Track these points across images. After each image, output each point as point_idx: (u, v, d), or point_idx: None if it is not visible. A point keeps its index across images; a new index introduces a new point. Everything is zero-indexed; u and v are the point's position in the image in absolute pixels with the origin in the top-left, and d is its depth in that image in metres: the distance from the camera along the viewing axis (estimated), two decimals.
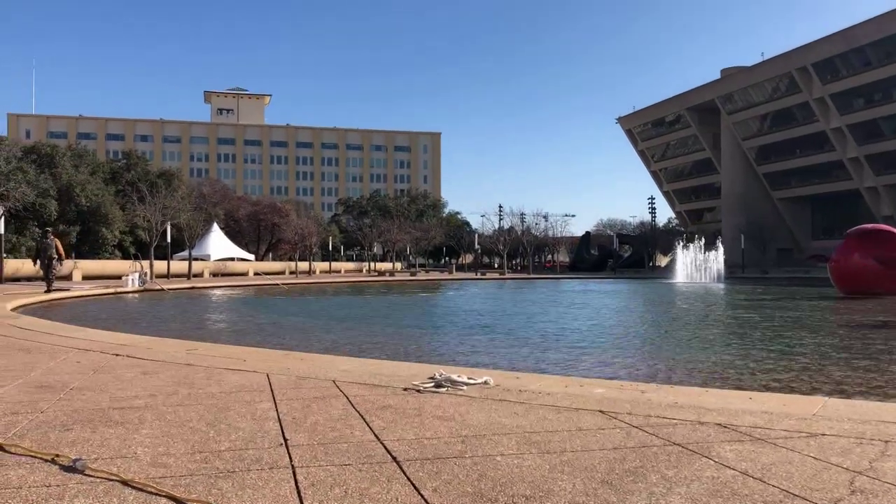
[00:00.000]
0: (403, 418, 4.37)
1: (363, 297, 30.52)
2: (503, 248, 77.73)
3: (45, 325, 10.72)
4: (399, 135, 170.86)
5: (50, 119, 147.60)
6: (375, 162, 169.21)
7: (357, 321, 17.52)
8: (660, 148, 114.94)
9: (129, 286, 30.40)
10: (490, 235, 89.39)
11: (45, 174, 50.86)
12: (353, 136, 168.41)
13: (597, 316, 19.23)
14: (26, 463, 3.33)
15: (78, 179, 54.39)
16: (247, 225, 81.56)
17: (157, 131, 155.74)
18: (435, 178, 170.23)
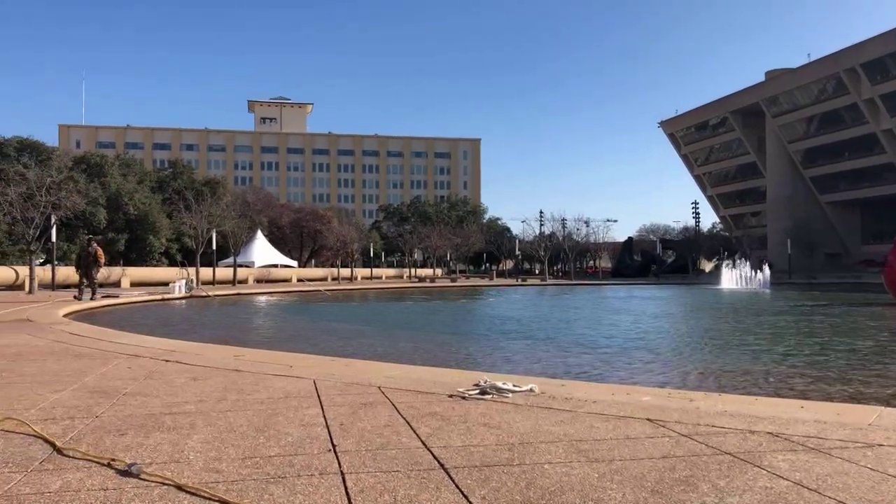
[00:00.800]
0: (449, 425, 4.38)
1: (404, 304, 30.63)
2: (544, 253, 77.32)
3: (96, 332, 10.97)
4: (439, 141, 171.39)
5: (99, 129, 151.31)
6: (416, 168, 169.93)
7: (399, 327, 17.59)
8: (703, 152, 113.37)
9: (176, 293, 30.95)
10: (531, 241, 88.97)
11: (95, 183, 52.16)
12: (394, 143, 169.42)
13: (640, 323, 19.01)
14: (84, 466, 3.41)
15: (126, 188, 55.63)
16: (290, 232, 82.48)
17: (203, 140, 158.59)
18: (475, 184, 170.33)
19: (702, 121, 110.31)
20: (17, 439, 3.94)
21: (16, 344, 9.07)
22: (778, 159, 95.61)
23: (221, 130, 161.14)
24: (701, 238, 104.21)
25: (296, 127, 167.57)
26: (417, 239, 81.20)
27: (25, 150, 54.26)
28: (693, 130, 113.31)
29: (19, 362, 7.27)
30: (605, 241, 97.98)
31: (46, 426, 4.25)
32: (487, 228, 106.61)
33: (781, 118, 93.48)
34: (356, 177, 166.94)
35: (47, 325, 12.29)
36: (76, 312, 18.32)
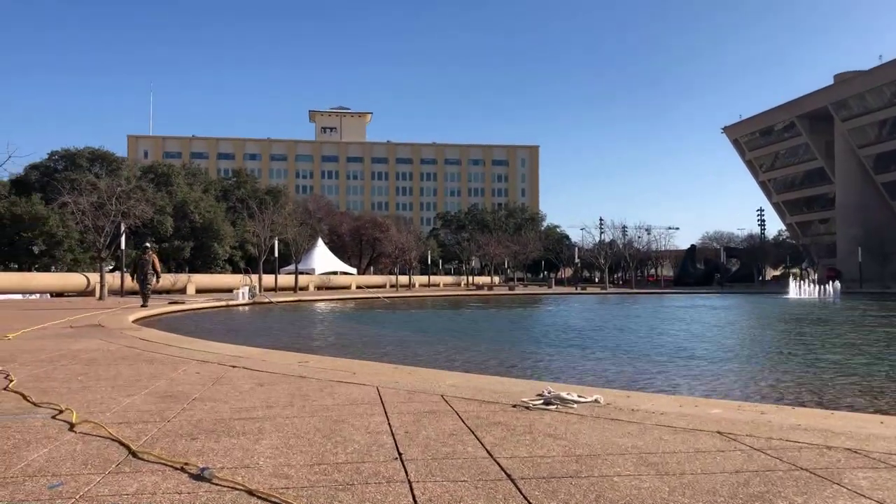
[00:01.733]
0: (514, 435, 4.35)
1: (462, 311, 30.64)
2: (604, 261, 76.41)
3: (164, 337, 11.26)
4: (497, 149, 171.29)
5: (166, 140, 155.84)
6: (473, 176, 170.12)
7: (458, 335, 17.59)
8: (768, 157, 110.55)
9: (240, 299, 31.59)
10: (590, 249, 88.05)
11: (162, 192, 53.73)
12: (452, 151, 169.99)
13: (705, 332, 18.61)
14: (158, 470, 3.49)
15: (192, 197, 57.12)
16: (349, 240, 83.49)
17: (265, 150, 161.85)
18: (533, 192, 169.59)
19: (767, 126, 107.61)
20: (95, 442, 4.06)
21: (89, 349, 9.38)
22: (847, 164, 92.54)
23: (283, 140, 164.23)
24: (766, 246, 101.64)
25: (355, 136, 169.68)
26: (475, 246, 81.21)
27: (97, 161, 56.26)
28: (758, 136, 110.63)
29: (94, 367, 7.51)
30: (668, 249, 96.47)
31: (121, 429, 4.37)
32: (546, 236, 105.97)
33: (851, 122, 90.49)
34: (414, 185, 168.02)
35: (118, 330, 12.67)
36: (145, 318, 18.86)
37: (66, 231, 45.27)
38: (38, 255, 45.88)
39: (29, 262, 46.07)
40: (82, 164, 54.61)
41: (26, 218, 44.80)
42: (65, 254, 46.75)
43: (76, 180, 44.41)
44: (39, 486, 3.22)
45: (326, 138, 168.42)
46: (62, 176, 50.01)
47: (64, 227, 44.90)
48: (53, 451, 3.86)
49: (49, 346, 9.67)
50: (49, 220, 44.86)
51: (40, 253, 45.87)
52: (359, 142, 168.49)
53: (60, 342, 10.34)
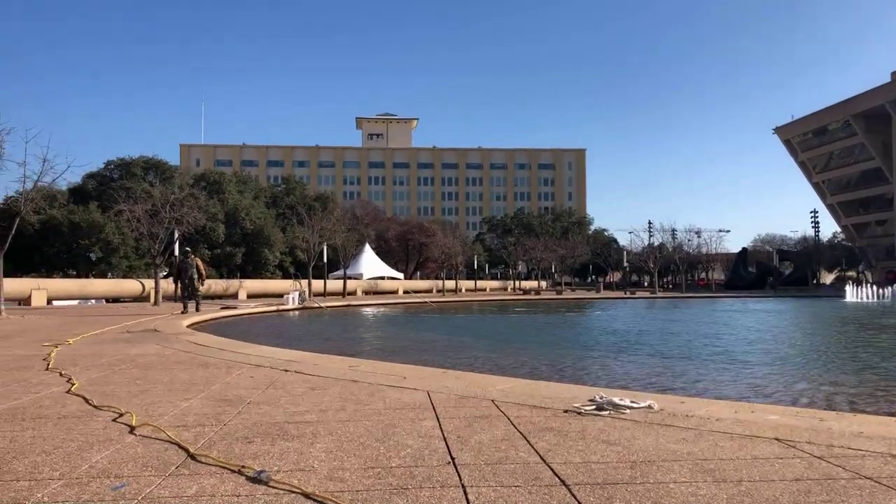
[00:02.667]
0: (567, 441, 4.32)
1: (509, 316, 30.54)
2: (653, 265, 75.38)
3: (218, 342, 11.46)
4: (543, 152, 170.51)
5: (217, 148, 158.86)
6: (519, 180, 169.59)
7: (506, 340, 17.54)
8: (822, 158, 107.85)
9: (290, 304, 32.00)
10: (639, 252, 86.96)
11: (214, 199, 54.75)
12: (497, 156, 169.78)
13: (759, 337, 18.23)
14: (216, 472, 3.56)
15: (242, 204, 58.08)
16: (396, 245, 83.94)
17: (313, 157, 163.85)
18: (580, 195, 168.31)
19: (820, 126, 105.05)
20: (155, 444, 4.16)
21: (146, 353, 9.60)
22: None
23: (331, 147, 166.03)
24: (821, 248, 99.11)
25: (401, 142, 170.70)
26: (521, 251, 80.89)
27: (150, 169, 57.59)
28: (811, 136, 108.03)
29: (151, 371, 7.69)
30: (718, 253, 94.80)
31: (179, 432, 4.47)
32: (593, 240, 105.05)
33: None
34: (460, 189, 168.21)
35: (173, 335, 12.94)
36: (198, 323, 19.23)
37: (122, 238, 46.42)
38: (95, 261, 47.13)
39: (86, 269, 47.36)
40: (137, 172, 55.96)
41: (84, 225, 46.08)
42: (120, 260, 47.94)
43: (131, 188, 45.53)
44: (103, 486, 3.31)
45: (373, 144, 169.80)
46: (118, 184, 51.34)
47: (119, 235, 46.05)
48: (115, 453, 3.96)
49: (107, 351, 9.93)
50: (105, 227, 46.06)
51: (97, 260, 47.11)
52: (405, 147, 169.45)
53: (118, 347, 10.61)
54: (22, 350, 10.14)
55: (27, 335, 13.24)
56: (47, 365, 8.18)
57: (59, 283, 37.10)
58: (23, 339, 12.38)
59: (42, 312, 24.40)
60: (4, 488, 3.28)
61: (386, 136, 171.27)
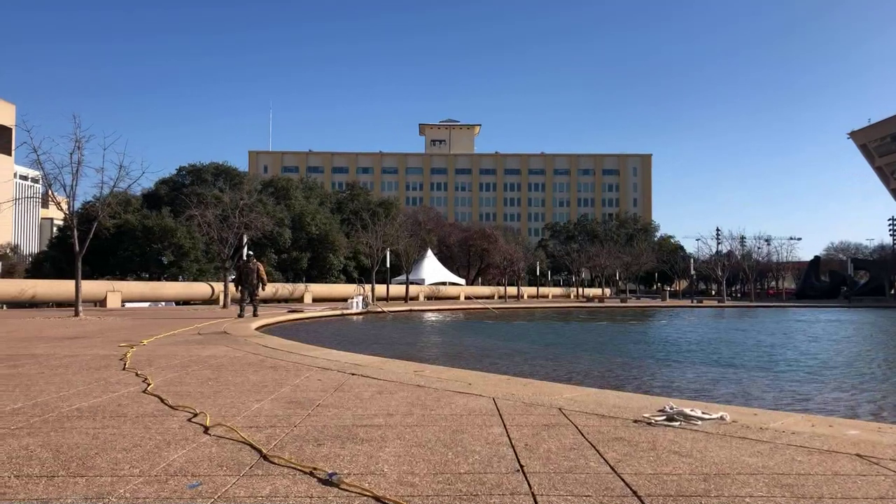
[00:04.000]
0: (638, 451, 4.24)
1: (573, 324, 30.24)
2: (721, 273, 73.61)
3: (286, 345, 11.67)
4: (607, 158, 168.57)
5: (284, 155, 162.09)
6: (583, 186, 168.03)
7: (571, 348, 17.37)
8: None
9: (354, 308, 32.37)
10: (706, 260, 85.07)
11: (281, 205, 55.85)
12: (560, 161, 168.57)
13: (833, 348, 17.61)
14: (289, 474, 3.62)
15: (308, 210, 59.08)
16: (457, 250, 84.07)
17: (377, 163, 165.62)
18: (645, 201, 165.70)
19: None
20: (229, 444, 4.25)
21: (217, 355, 9.83)
22: None
23: (394, 153, 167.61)
24: None
25: (464, 148, 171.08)
26: (585, 258, 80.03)
27: (220, 175, 59.12)
28: (889, 140, 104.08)
29: (223, 372, 7.87)
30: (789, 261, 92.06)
31: (252, 433, 4.56)
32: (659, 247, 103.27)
33: None
34: (522, 195, 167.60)
35: (242, 337, 13.23)
36: (266, 326, 19.63)
37: (193, 242, 47.78)
38: (167, 265, 48.59)
39: (159, 272, 48.86)
40: (207, 178, 57.53)
41: (156, 230, 47.58)
42: (191, 264, 49.31)
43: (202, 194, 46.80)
44: (181, 485, 3.40)
45: (436, 151, 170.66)
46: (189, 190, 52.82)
47: (190, 239, 47.41)
48: (191, 452, 4.06)
49: (180, 353, 10.21)
50: (177, 231, 47.47)
51: (169, 263, 48.57)
52: (467, 153, 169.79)
53: (190, 348, 10.90)
54: (100, 350, 10.51)
55: (105, 335, 13.73)
56: (124, 365, 8.46)
57: (133, 285, 38.37)
58: (101, 339, 12.84)
59: (117, 314, 25.27)
60: (89, 483, 3.40)
61: (448, 143, 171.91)
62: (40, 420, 5.01)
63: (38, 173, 25.43)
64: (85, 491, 3.28)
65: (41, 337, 13.28)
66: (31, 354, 9.76)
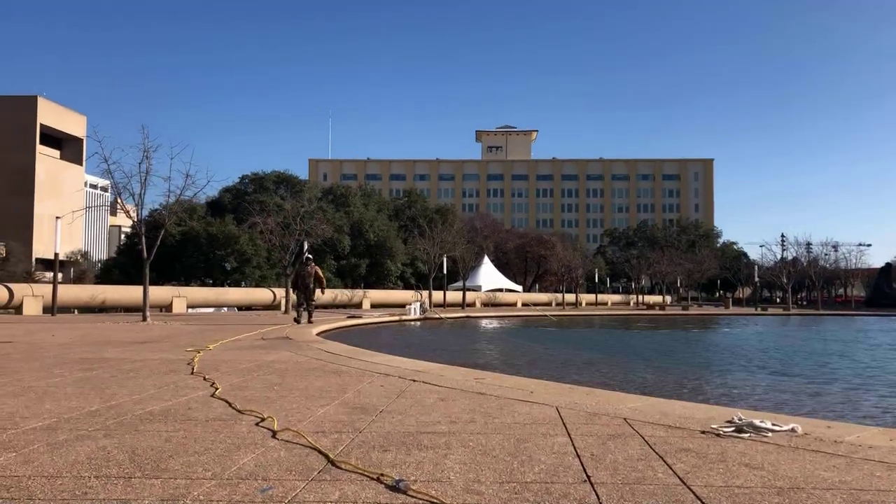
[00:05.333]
0: (707, 463, 4.16)
1: (633, 332, 29.81)
2: (787, 280, 71.65)
3: (347, 350, 11.80)
4: (667, 163, 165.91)
5: (343, 163, 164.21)
6: (642, 192, 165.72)
7: (632, 356, 17.13)
8: None
9: (412, 314, 32.57)
10: (770, 267, 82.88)
11: (340, 212, 56.58)
12: (619, 167, 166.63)
13: None
14: (356, 479, 3.65)
15: (367, 217, 59.73)
16: (514, 257, 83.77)
17: (434, 170, 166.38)
18: (707, 207, 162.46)
19: None
20: (296, 449, 4.32)
21: (281, 360, 10.00)
22: None
23: (451, 160, 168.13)
24: None
25: (520, 154, 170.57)
26: (645, 264, 78.84)
27: (282, 184, 60.25)
28: None
29: (287, 377, 8.00)
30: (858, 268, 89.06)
31: (318, 438, 4.62)
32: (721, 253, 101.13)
33: None
34: (580, 201, 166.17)
35: (304, 343, 13.43)
36: (327, 331, 19.88)
37: (255, 249, 48.74)
38: (230, 271, 49.68)
39: (222, 278, 49.99)
40: (269, 186, 58.68)
41: (220, 237, 48.71)
42: (253, 270, 50.31)
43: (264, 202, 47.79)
44: (252, 488, 3.47)
45: (492, 157, 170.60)
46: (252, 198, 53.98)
47: (253, 246, 48.37)
48: (260, 456, 4.14)
49: (245, 357, 10.42)
50: (240, 238, 48.51)
51: (232, 269, 49.65)
52: (524, 159, 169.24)
53: (254, 353, 11.12)
54: (169, 354, 10.80)
55: (172, 340, 14.10)
56: (192, 369, 8.67)
57: (197, 291, 39.35)
58: (168, 343, 13.20)
59: (182, 319, 25.93)
60: (164, 485, 3.50)
61: (505, 149, 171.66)
62: (115, 422, 5.17)
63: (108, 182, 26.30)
64: (161, 492, 3.37)
65: (111, 341, 13.71)
66: (104, 358, 10.08)
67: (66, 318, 26.02)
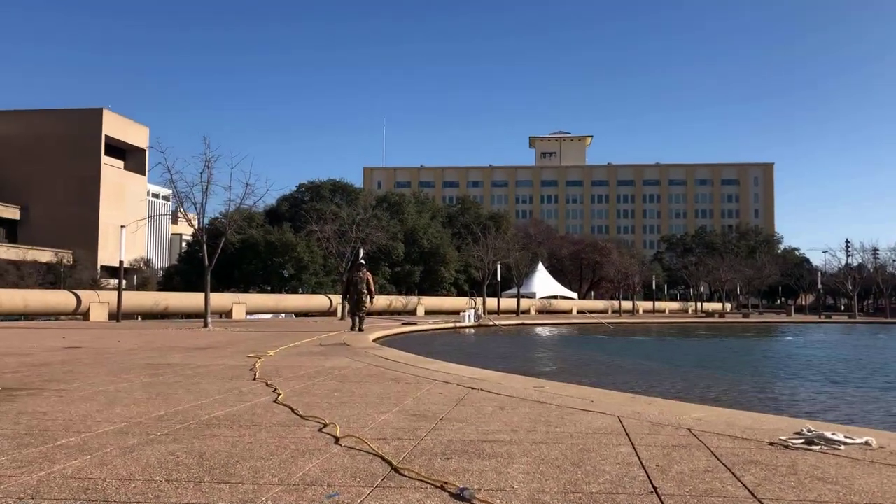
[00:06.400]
0: (777, 476, 4.04)
1: (692, 340, 29.26)
2: (852, 287, 69.41)
3: (404, 357, 11.87)
4: (726, 167, 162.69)
5: (397, 170, 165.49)
6: (700, 197, 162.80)
7: (692, 365, 16.81)
8: None
9: (466, 321, 32.59)
10: (834, 273, 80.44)
11: (394, 220, 57.02)
12: (676, 172, 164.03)
13: None
14: (420, 487, 3.66)
15: (420, 224, 60.08)
16: (569, 263, 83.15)
17: (487, 177, 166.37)
18: (768, 212, 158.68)
19: None
20: (360, 456, 4.35)
21: (340, 366, 10.11)
22: None
23: (504, 167, 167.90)
24: None
25: (575, 160, 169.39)
26: (703, 271, 77.35)
27: (337, 192, 61.08)
28: None
29: (346, 384, 8.08)
30: None
31: (380, 445, 4.65)
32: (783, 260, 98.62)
33: None
34: (636, 207, 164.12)
35: (361, 349, 13.55)
36: (382, 338, 20.03)
37: (312, 256, 49.47)
38: (288, 278, 50.50)
39: (279, 285, 50.86)
40: (325, 194, 59.53)
41: (278, 245, 49.60)
42: (310, 277, 51.07)
43: (320, 210, 48.47)
44: (318, 494, 3.50)
45: (546, 163, 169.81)
46: (308, 206, 54.83)
47: (310, 253, 49.11)
48: (324, 462, 4.18)
49: (304, 363, 10.56)
50: (297, 246, 49.31)
51: (289, 276, 50.48)
52: (578, 165, 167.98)
53: (314, 359, 11.26)
54: (230, 360, 11.02)
55: (233, 346, 14.39)
56: (254, 375, 8.83)
57: (256, 297, 40.11)
58: (230, 349, 13.47)
59: (242, 325, 26.45)
60: (233, 490, 3.56)
61: (559, 154, 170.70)
62: (182, 427, 5.29)
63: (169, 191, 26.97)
64: (230, 497, 3.43)
65: (175, 347, 14.06)
66: (168, 364, 10.34)
67: (131, 324, 26.81)
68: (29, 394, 7.07)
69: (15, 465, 4.05)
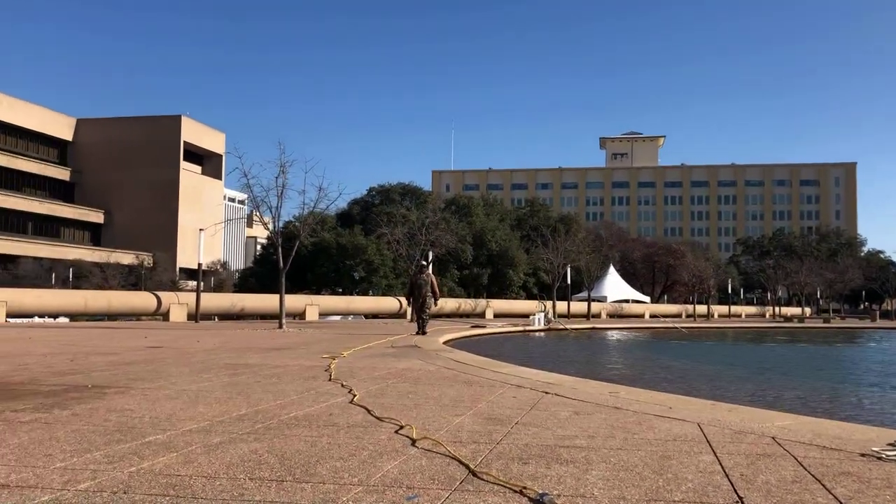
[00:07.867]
0: (870, 489, 3.87)
1: (770, 345, 28.36)
2: None
3: (476, 360, 11.86)
4: (805, 168, 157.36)
5: (465, 173, 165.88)
6: (778, 198, 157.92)
7: (771, 371, 16.30)
8: None
9: (536, 325, 32.37)
10: None
11: (463, 223, 57.13)
12: (753, 172, 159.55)
13: None
14: (499, 491, 3.65)
15: (489, 226, 60.04)
16: (641, 267, 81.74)
17: (556, 179, 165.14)
18: (850, 213, 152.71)
19: None
20: (437, 458, 4.36)
21: (412, 368, 10.18)
22: None
23: (574, 168, 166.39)
24: None
25: (647, 160, 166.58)
26: (781, 274, 74.91)
27: (407, 195, 61.62)
28: None
29: (420, 386, 8.13)
30: None
31: (457, 448, 4.65)
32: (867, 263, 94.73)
33: None
34: (711, 209, 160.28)
35: (433, 351, 13.61)
36: (452, 340, 20.07)
37: (382, 259, 50.02)
38: (359, 280, 51.20)
39: (350, 287, 51.59)
40: (395, 198, 60.15)
41: (349, 247, 50.34)
42: (380, 279, 51.64)
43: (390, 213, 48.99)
44: (398, 496, 3.53)
45: (617, 164, 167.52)
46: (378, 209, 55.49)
47: (380, 256, 49.68)
48: (402, 464, 4.21)
49: (378, 365, 10.67)
50: (368, 249, 49.95)
51: (360, 279, 51.16)
52: (650, 166, 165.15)
53: (386, 361, 11.37)
54: (305, 361, 11.23)
55: (307, 347, 14.65)
56: (329, 376, 8.96)
57: (329, 299, 40.78)
58: (304, 350, 13.72)
59: (315, 326, 26.91)
60: (315, 489, 3.62)
61: (630, 156, 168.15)
62: (263, 427, 5.41)
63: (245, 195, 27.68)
64: (312, 496, 3.49)
65: (252, 347, 14.40)
66: (246, 364, 10.60)
67: (208, 325, 27.60)
68: (117, 391, 7.35)
69: (107, 460, 4.21)
